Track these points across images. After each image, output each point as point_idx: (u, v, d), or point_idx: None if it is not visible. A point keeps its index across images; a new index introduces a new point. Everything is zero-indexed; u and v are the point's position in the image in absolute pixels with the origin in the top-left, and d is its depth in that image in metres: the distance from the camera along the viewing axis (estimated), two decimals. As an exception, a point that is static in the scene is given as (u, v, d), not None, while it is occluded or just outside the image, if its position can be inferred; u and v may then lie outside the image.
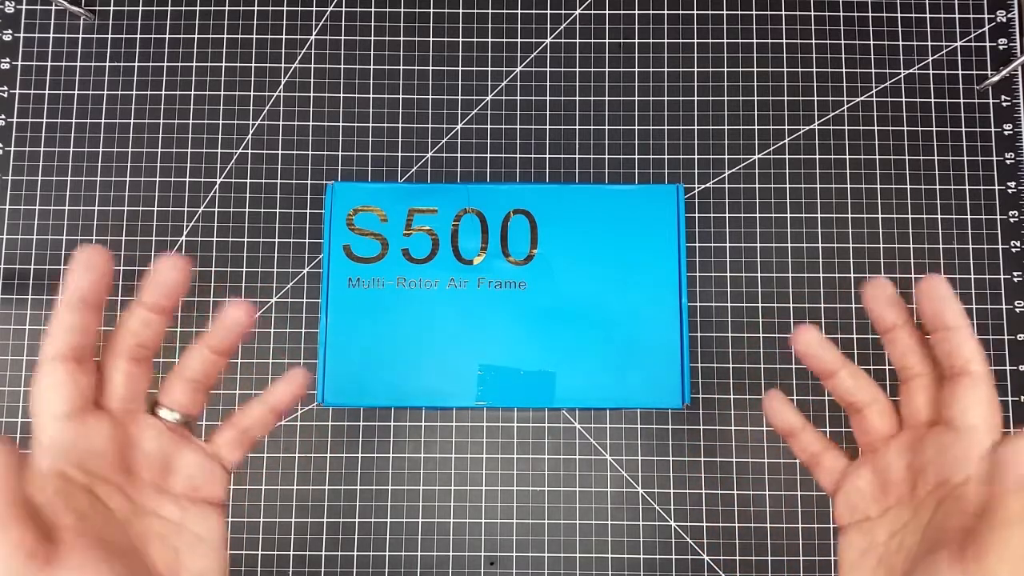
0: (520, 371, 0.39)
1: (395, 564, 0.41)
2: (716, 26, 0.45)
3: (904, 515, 0.24)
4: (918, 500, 0.23)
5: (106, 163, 0.44)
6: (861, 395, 0.26)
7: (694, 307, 0.43)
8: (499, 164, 0.44)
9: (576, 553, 0.41)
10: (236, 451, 0.25)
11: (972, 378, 0.23)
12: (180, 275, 0.24)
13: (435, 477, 0.42)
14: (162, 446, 0.24)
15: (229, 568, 0.41)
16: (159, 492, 0.23)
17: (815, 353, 0.26)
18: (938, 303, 0.24)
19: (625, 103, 0.44)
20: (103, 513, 0.21)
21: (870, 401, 0.26)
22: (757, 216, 0.43)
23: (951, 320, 0.23)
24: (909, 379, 0.25)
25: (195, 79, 0.45)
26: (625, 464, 0.42)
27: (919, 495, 0.23)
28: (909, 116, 0.44)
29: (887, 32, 0.45)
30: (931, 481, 0.23)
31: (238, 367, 0.42)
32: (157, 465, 0.24)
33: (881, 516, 0.24)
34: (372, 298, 0.40)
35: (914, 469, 0.24)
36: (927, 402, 0.25)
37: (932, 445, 0.23)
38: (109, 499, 0.22)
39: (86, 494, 0.21)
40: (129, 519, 0.22)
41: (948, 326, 0.23)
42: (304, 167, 0.44)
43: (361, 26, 0.45)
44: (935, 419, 0.24)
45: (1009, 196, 0.43)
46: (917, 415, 0.25)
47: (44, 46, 0.45)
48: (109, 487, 0.22)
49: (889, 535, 0.24)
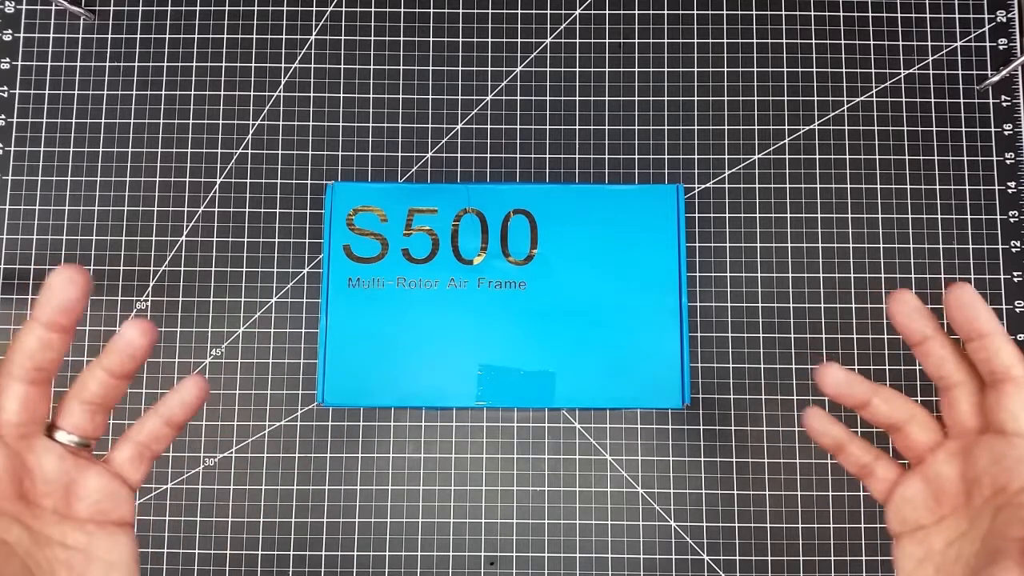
0: (520, 371, 0.39)
1: (395, 564, 0.41)
2: (716, 26, 0.45)
3: (961, 524, 0.23)
4: (975, 509, 0.23)
5: (106, 163, 0.44)
6: (898, 415, 0.25)
7: (694, 307, 0.43)
8: (499, 164, 0.44)
9: (576, 553, 0.41)
10: (138, 468, 0.24)
11: (1015, 383, 0.23)
12: (77, 291, 0.21)
13: (435, 477, 0.42)
14: (62, 471, 0.22)
15: (228, 570, 0.41)
16: (62, 519, 0.22)
17: (844, 392, 0.25)
18: (969, 311, 0.23)
19: (625, 103, 0.44)
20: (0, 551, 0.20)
21: (908, 418, 0.25)
22: (757, 216, 0.43)
23: (985, 327, 0.23)
24: (949, 388, 0.25)
25: (195, 79, 0.45)
26: (625, 464, 0.42)
27: (975, 504, 0.23)
28: (909, 116, 0.44)
29: (887, 32, 0.45)
30: (987, 490, 0.23)
31: (238, 367, 0.42)
32: (58, 491, 0.22)
33: (936, 525, 0.24)
34: (372, 298, 0.40)
35: (967, 478, 0.24)
36: (972, 409, 0.24)
37: (985, 453, 0.23)
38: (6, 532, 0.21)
39: None
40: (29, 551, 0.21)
41: (982, 333, 0.23)
42: (304, 167, 0.44)
43: (361, 26, 0.45)
44: (983, 426, 0.24)
45: (1009, 196, 0.43)
46: (963, 423, 0.24)
47: (44, 46, 0.45)
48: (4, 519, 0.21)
49: (946, 544, 0.23)
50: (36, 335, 0.21)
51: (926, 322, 0.25)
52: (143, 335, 0.22)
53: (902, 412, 0.25)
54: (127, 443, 0.24)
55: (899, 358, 0.42)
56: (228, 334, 0.43)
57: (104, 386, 0.23)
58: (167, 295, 0.43)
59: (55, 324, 0.21)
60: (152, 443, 0.24)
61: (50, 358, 0.22)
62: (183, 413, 0.24)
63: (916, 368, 0.42)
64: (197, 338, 0.43)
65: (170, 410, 0.24)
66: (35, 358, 0.21)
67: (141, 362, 0.23)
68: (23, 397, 0.22)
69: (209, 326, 0.43)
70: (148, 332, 0.22)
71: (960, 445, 0.24)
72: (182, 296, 0.43)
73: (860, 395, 0.25)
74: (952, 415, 0.25)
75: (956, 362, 0.25)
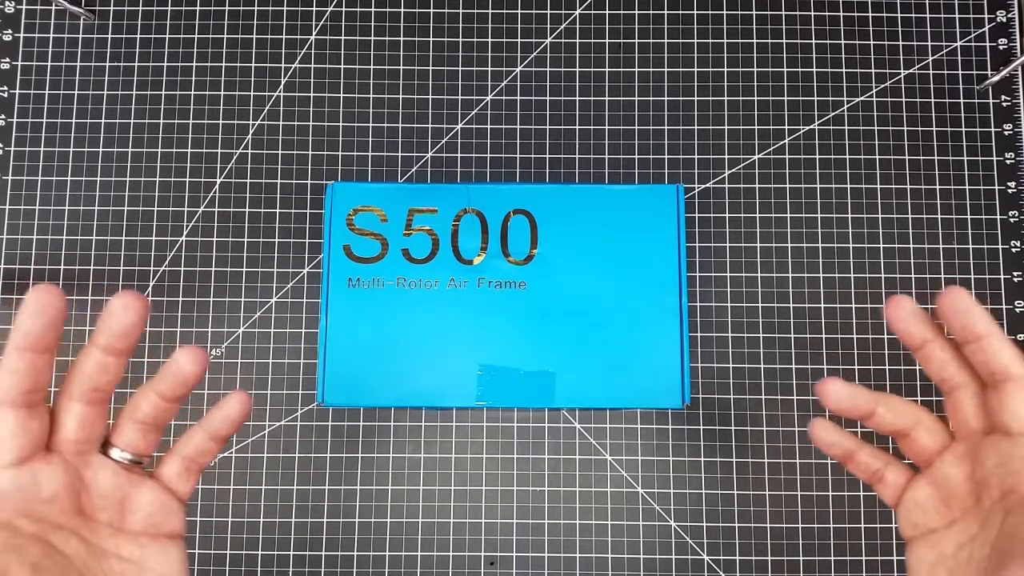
0: (520, 371, 0.39)
1: (395, 564, 0.41)
2: (716, 26, 0.45)
3: (971, 528, 0.23)
4: (984, 512, 0.23)
5: (106, 163, 0.44)
6: (903, 421, 0.25)
7: (694, 307, 0.43)
8: (499, 164, 0.44)
9: (576, 553, 0.41)
10: (187, 482, 0.25)
11: (1016, 382, 0.23)
12: (134, 316, 0.22)
13: (435, 477, 0.42)
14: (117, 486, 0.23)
15: (228, 570, 0.41)
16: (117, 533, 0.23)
17: (848, 406, 0.25)
18: (964, 315, 0.23)
19: (625, 103, 0.44)
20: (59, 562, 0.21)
21: (914, 423, 0.25)
22: (757, 216, 0.43)
23: (981, 329, 0.23)
24: (952, 391, 0.25)
25: (195, 79, 0.45)
26: (625, 464, 0.42)
27: (984, 506, 0.23)
28: (909, 116, 0.44)
29: (887, 32, 0.45)
30: (996, 491, 0.23)
31: (238, 367, 0.42)
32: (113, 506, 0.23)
33: (946, 528, 0.24)
34: (372, 298, 0.40)
35: (976, 480, 0.24)
36: (976, 411, 0.24)
37: (991, 455, 0.23)
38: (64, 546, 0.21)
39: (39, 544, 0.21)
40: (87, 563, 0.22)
41: (979, 335, 0.23)
42: (304, 167, 0.44)
43: (361, 26, 0.45)
44: (988, 427, 0.24)
45: (1009, 196, 0.43)
46: (969, 425, 0.24)
47: (44, 46, 0.45)
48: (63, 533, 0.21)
49: (956, 547, 0.23)
50: (94, 358, 0.22)
51: (925, 326, 0.25)
52: (195, 363, 0.23)
53: (907, 418, 0.25)
54: (175, 458, 0.25)
55: (899, 358, 0.42)
56: (228, 334, 0.43)
57: (155, 408, 0.24)
58: (167, 295, 0.43)
59: (111, 348, 0.22)
60: (198, 457, 0.25)
61: (107, 380, 0.23)
62: (227, 428, 0.25)
63: (916, 368, 0.42)
64: (197, 338, 0.43)
65: (214, 425, 0.25)
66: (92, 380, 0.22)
67: (192, 387, 0.24)
68: (81, 416, 0.22)
69: (209, 326, 0.43)
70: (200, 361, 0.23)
71: (967, 447, 0.24)
72: (182, 296, 0.43)
73: (864, 407, 0.25)
74: (957, 417, 0.25)
75: (958, 364, 0.25)
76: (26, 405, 0.21)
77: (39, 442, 0.22)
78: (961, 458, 0.24)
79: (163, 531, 0.24)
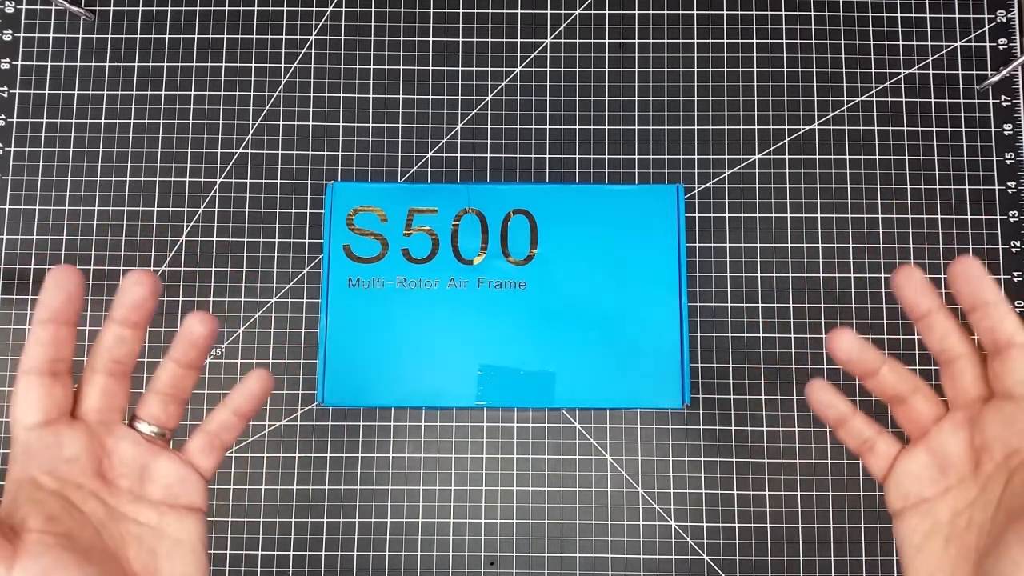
0: (520, 371, 0.39)
1: (395, 564, 0.41)
2: (716, 26, 0.45)
3: (969, 493, 0.24)
4: (985, 476, 0.24)
5: (106, 163, 0.44)
6: (904, 386, 0.26)
7: (694, 307, 0.43)
8: (499, 164, 0.44)
9: (576, 553, 0.41)
10: (209, 457, 0.26)
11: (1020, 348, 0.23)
12: (145, 290, 0.24)
13: (435, 477, 0.42)
14: (139, 456, 0.25)
15: (228, 570, 0.41)
16: (137, 499, 0.24)
17: (857, 357, 0.26)
18: (975, 282, 0.24)
19: (625, 103, 0.44)
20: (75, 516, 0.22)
21: (913, 390, 0.26)
22: (757, 216, 0.43)
23: (990, 296, 0.24)
24: (951, 360, 0.25)
25: (195, 79, 0.45)
26: (625, 464, 0.42)
27: (986, 470, 0.24)
28: (909, 116, 0.44)
29: (887, 32, 0.45)
30: (999, 454, 0.23)
31: (238, 367, 0.42)
32: (134, 474, 0.25)
33: (940, 496, 0.24)
34: (372, 298, 0.40)
35: (975, 446, 0.24)
36: (975, 379, 0.25)
37: (995, 419, 0.24)
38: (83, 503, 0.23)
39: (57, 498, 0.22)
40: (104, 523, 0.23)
41: (987, 302, 0.24)
42: (304, 167, 0.44)
43: (361, 26, 0.45)
44: (987, 395, 0.25)
45: (1009, 196, 0.43)
46: (968, 393, 0.25)
47: (44, 46, 0.45)
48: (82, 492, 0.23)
49: (953, 514, 0.24)
50: (112, 332, 0.24)
51: (930, 296, 0.25)
52: (203, 324, 0.25)
53: (908, 384, 0.26)
54: (199, 433, 0.26)
55: (899, 358, 0.42)
56: (228, 334, 0.43)
57: (174, 376, 0.25)
58: (167, 295, 0.43)
59: (127, 320, 0.24)
60: (222, 432, 0.26)
61: (126, 352, 0.24)
62: (249, 404, 0.26)
63: (916, 368, 0.42)
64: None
65: (236, 401, 0.26)
66: (112, 352, 0.24)
67: (206, 351, 0.26)
68: (103, 387, 0.24)
69: (209, 326, 0.43)
70: (208, 322, 0.25)
71: (965, 415, 0.25)
72: (182, 296, 0.43)
73: (870, 363, 0.26)
74: (956, 386, 0.25)
75: (958, 335, 0.25)
76: (50, 373, 0.23)
77: (63, 407, 0.24)
78: (959, 425, 0.25)
79: (182, 502, 0.25)
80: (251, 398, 0.26)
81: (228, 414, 0.26)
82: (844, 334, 0.26)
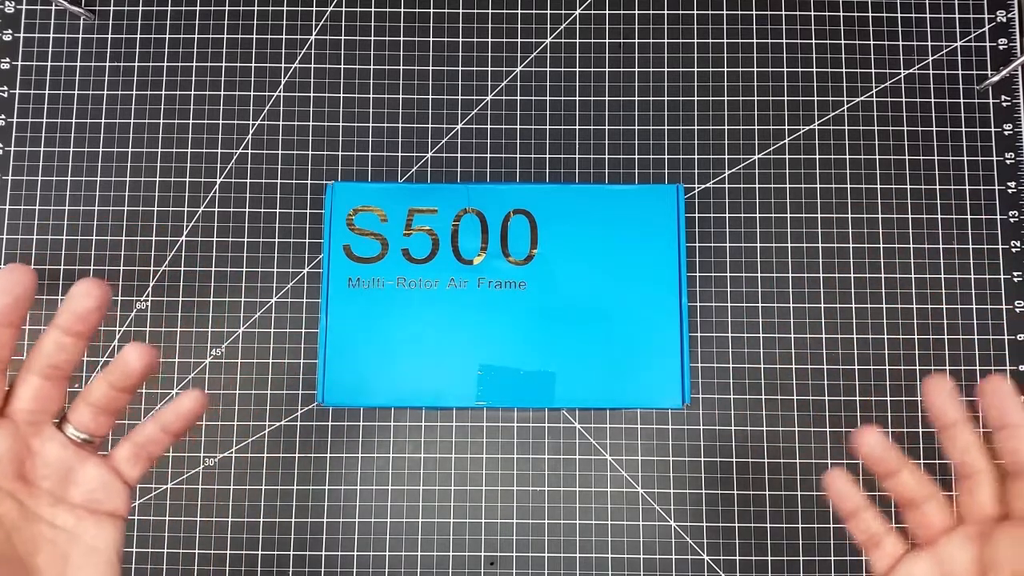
0: (520, 371, 0.39)
1: (395, 564, 0.41)
2: (716, 26, 0.45)
3: None
4: None
5: (106, 163, 0.44)
6: (921, 491, 0.26)
7: (694, 307, 0.43)
8: (499, 164, 0.44)
9: (576, 553, 0.41)
10: (135, 467, 0.26)
11: None
12: (93, 302, 0.23)
13: (435, 477, 0.42)
14: (65, 459, 0.25)
15: (228, 570, 0.41)
16: (56, 502, 0.24)
17: (879, 455, 0.26)
18: (1003, 401, 0.24)
19: (625, 103, 0.44)
20: None
21: (929, 496, 0.26)
22: (757, 216, 0.43)
23: (1018, 418, 0.24)
24: (970, 475, 0.26)
25: (195, 79, 0.45)
26: (625, 464, 0.42)
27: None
28: (909, 116, 0.44)
29: (887, 32, 0.45)
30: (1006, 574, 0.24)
31: (238, 367, 0.42)
32: (56, 475, 0.24)
33: None
34: (372, 298, 0.40)
35: (983, 562, 0.25)
36: (992, 496, 0.25)
37: (1007, 539, 0.24)
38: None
39: None
40: (17, 524, 0.23)
41: (1014, 423, 0.24)
42: (304, 167, 0.44)
43: (361, 26, 0.45)
44: (1002, 514, 0.25)
45: (1009, 196, 0.43)
46: (983, 509, 0.25)
47: (44, 46, 0.45)
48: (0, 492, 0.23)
49: None
50: (53, 338, 0.24)
51: (957, 408, 0.26)
52: (139, 359, 0.24)
53: (925, 490, 0.26)
54: (127, 443, 0.26)
55: (899, 358, 0.42)
56: (228, 334, 0.43)
57: (106, 396, 0.25)
58: (167, 295, 0.43)
59: (70, 330, 0.24)
60: (149, 445, 0.26)
61: (64, 359, 0.24)
62: (179, 423, 0.26)
63: (916, 368, 0.42)
64: (197, 338, 0.43)
65: (167, 419, 0.26)
66: (51, 357, 0.24)
67: (140, 381, 0.25)
68: (37, 389, 0.24)
69: (209, 326, 0.43)
70: (144, 357, 0.24)
71: (977, 530, 0.25)
72: (182, 296, 0.43)
73: (893, 464, 0.26)
74: (972, 501, 0.26)
75: (980, 449, 0.26)
76: None
77: None
78: (970, 539, 0.25)
79: (104, 508, 0.25)
80: (181, 417, 0.26)
81: (157, 429, 0.26)
82: (871, 433, 0.26)
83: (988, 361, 0.42)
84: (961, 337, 0.42)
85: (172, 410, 0.26)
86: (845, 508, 0.27)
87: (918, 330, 0.42)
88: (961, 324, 0.42)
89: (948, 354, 0.42)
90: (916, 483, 0.26)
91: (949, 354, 0.42)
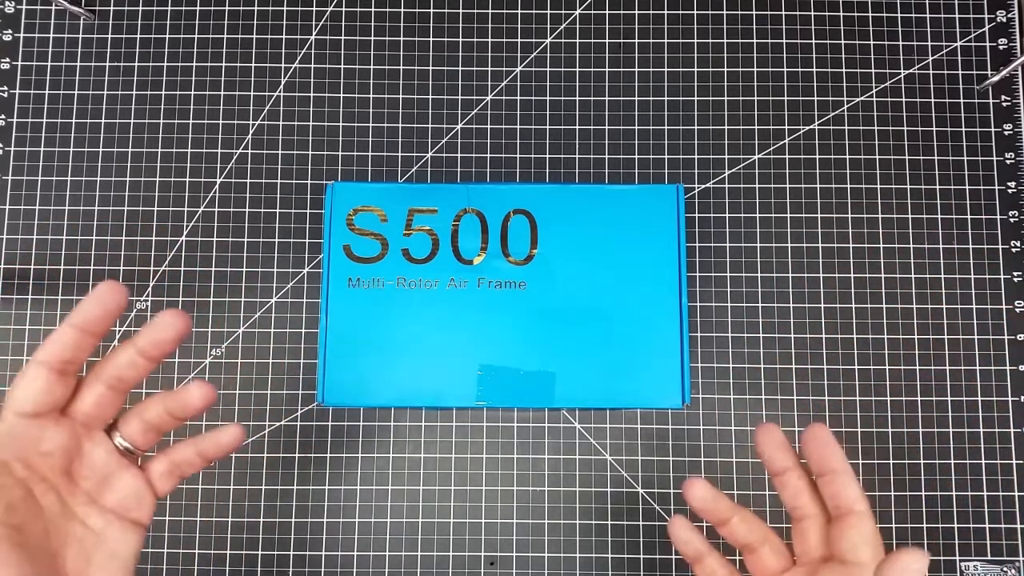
0: (520, 371, 0.39)
1: (395, 564, 0.41)
2: (716, 26, 0.45)
3: None
4: None
5: (106, 163, 0.44)
6: (753, 536, 0.28)
7: (694, 307, 0.43)
8: (499, 164, 0.44)
9: (576, 553, 0.41)
10: (167, 482, 0.27)
11: (858, 516, 0.25)
12: (174, 334, 0.25)
13: (435, 477, 0.42)
14: (107, 463, 0.26)
15: (228, 570, 0.41)
16: (91, 502, 0.26)
17: (710, 507, 0.28)
18: (823, 448, 0.26)
19: (625, 103, 0.44)
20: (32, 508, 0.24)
21: (763, 541, 0.28)
22: (757, 216, 0.43)
23: (836, 464, 0.26)
24: (801, 519, 0.27)
25: (195, 79, 0.45)
26: (625, 464, 0.42)
27: None
28: (909, 116, 0.44)
29: (887, 32, 0.45)
30: None
31: (238, 367, 0.42)
32: (97, 477, 0.26)
33: None
34: (372, 298, 0.40)
35: None
36: (819, 540, 0.27)
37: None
38: (43, 497, 0.24)
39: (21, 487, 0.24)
40: (55, 520, 0.24)
41: (834, 469, 0.26)
42: (304, 167, 0.44)
43: (361, 26, 0.45)
44: (827, 555, 0.27)
45: (1009, 196, 0.43)
46: (811, 552, 0.27)
47: (44, 46, 0.45)
48: (45, 486, 0.24)
49: None
50: (128, 355, 0.25)
51: (788, 455, 0.27)
52: (201, 399, 0.26)
53: (757, 535, 0.28)
54: (164, 459, 0.28)
55: (899, 358, 0.42)
56: (228, 334, 0.43)
57: (159, 417, 0.27)
58: (167, 295, 0.43)
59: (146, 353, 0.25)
60: (184, 465, 0.28)
61: (132, 375, 0.26)
62: (215, 451, 0.28)
63: (916, 368, 0.42)
64: (197, 338, 0.43)
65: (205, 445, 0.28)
66: (121, 371, 0.26)
67: (195, 415, 0.27)
68: (100, 396, 0.26)
69: (209, 326, 0.43)
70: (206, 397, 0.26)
71: (806, 571, 0.27)
72: (182, 296, 0.43)
73: (722, 513, 0.28)
74: (802, 543, 0.27)
75: (810, 495, 0.27)
76: (59, 371, 0.24)
77: (57, 405, 0.25)
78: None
79: (131, 515, 0.26)
80: (218, 448, 0.28)
81: (193, 453, 0.28)
82: (698, 484, 0.28)
83: (988, 361, 0.42)
84: (961, 337, 0.42)
85: (212, 440, 0.27)
86: (689, 554, 0.28)
87: (918, 330, 0.42)
88: (961, 324, 0.42)
89: (948, 354, 0.42)
90: (748, 529, 0.28)
91: (949, 354, 0.42)
